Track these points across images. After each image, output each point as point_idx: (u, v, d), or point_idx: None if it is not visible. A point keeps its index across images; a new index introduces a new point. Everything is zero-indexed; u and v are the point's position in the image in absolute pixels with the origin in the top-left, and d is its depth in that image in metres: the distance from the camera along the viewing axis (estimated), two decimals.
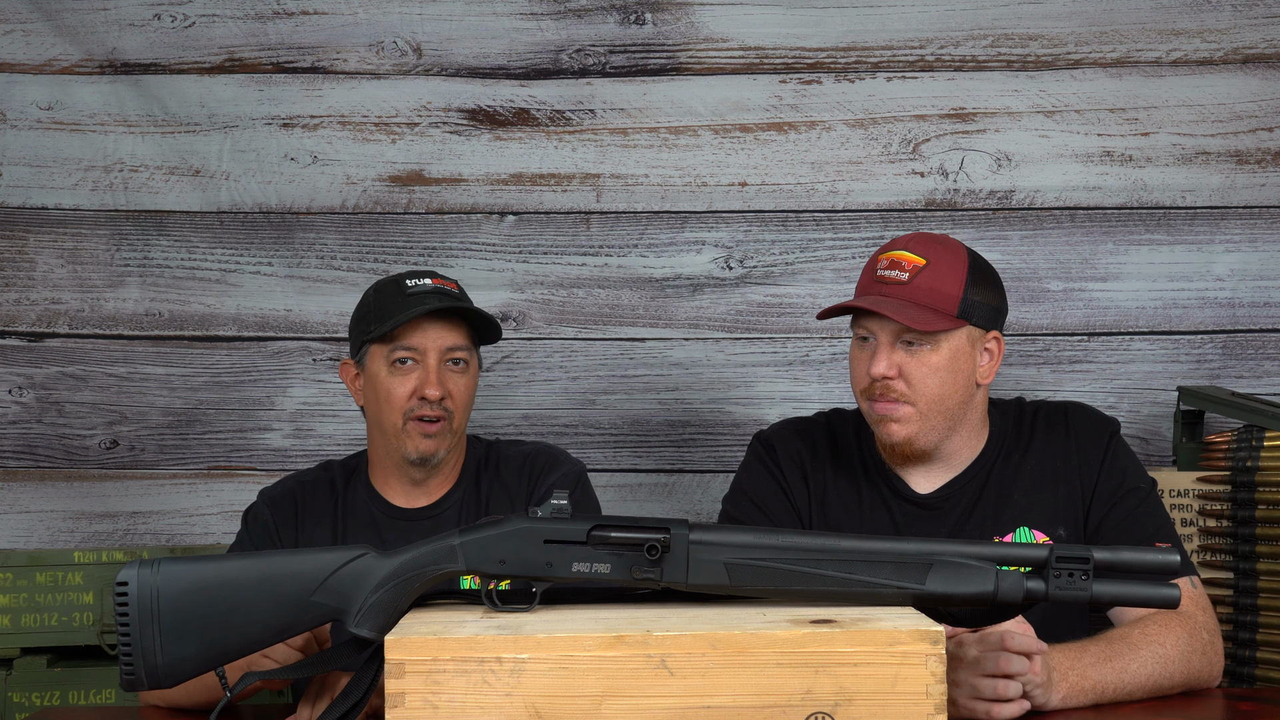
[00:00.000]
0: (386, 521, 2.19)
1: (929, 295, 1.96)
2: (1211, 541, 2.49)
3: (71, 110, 2.83)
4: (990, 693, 1.62)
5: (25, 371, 2.84)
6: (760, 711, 1.39)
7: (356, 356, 2.20)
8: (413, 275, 2.18)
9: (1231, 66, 2.78)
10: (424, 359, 2.13)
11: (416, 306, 2.11)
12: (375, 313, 2.16)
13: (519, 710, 1.40)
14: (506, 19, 2.83)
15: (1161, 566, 1.53)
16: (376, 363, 2.15)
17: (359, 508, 2.20)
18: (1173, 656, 1.80)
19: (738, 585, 1.53)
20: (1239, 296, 2.78)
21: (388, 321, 2.12)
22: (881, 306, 1.94)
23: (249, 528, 2.18)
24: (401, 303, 2.13)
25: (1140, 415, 2.78)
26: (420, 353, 2.13)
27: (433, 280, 2.16)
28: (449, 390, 2.14)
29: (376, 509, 2.20)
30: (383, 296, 2.17)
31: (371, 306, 2.17)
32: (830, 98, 2.81)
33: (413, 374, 2.13)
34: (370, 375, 2.17)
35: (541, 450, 2.26)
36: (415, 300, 2.12)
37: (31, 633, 2.59)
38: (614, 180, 2.83)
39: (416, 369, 2.13)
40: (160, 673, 1.53)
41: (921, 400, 1.97)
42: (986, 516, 2.03)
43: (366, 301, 2.20)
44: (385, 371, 2.14)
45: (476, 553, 1.54)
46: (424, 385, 2.12)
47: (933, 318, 1.95)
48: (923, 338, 1.96)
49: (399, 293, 2.15)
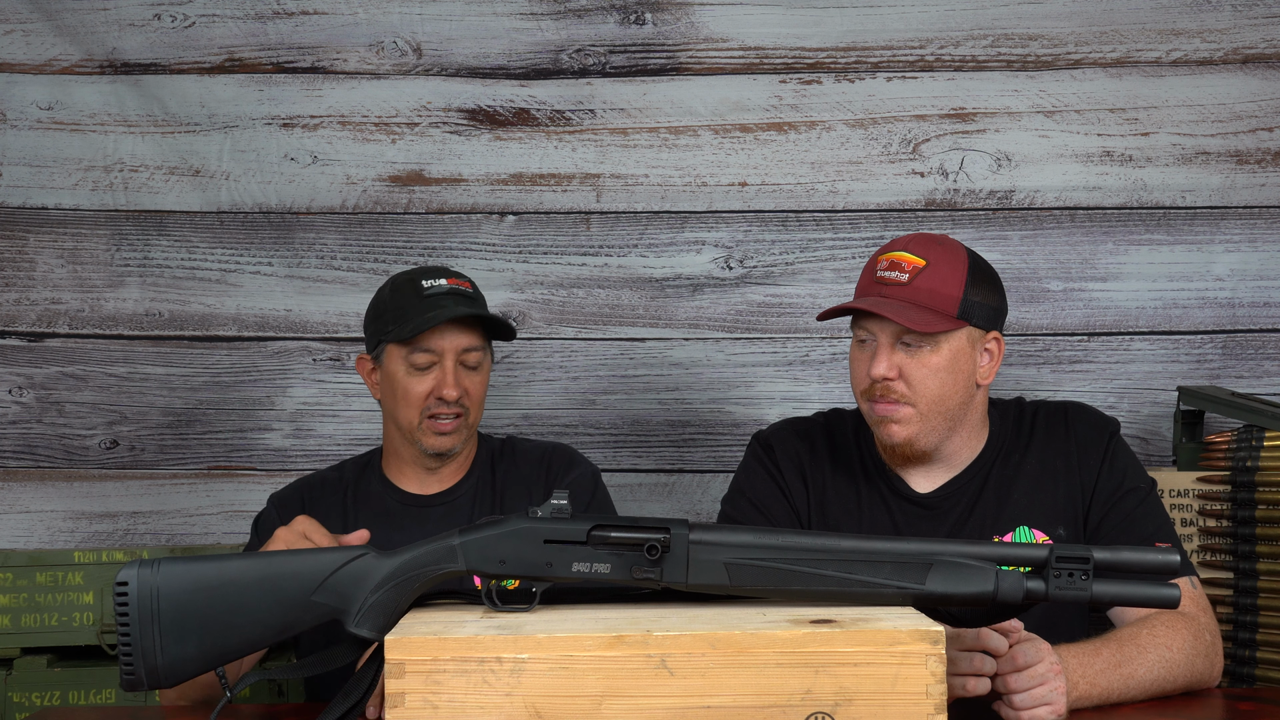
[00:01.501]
0: (400, 509, 2.22)
1: (929, 296, 1.96)
2: (1211, 541, 2.49)
3: (71, 110, 2.83)
4: (959, 690, 1.62)
5: (25, 371, 2.84)
6: (760, 711, 1.39)
7: (373, 353, 2.23)
8: (428, 274, 2.21)
9: (1231, 66, 2.78)
10: (441, 360, 2.16)
11: (434, 310, 2.14)
12: (393, 313, 2.18)
13: (519, 710, 1.40)
14: (506, 19, 2.83)
15: (1161, 566, 1.53)
16: (394, 362, 2.18)
17: (372, 498, 2.24)
18: (1178, 660, 1.81)
19: (738, 585, 1.53)
20: (1239, 296, 2.78)
21: (406, 324, 2.14)
22: (881, 308, 1.94)
23: (258, 532, 2.20)
24: (419, 304, 2.16)
25: (1140, 415, 2.78)
26: (438, 354, 2.16)
27: (448, 280, 2.19)
28: (465, 388, 2.18)
29: (391, 498, 2.24)
30: (399, 296, 2.19)
31: (388, 306, 2.20)
32: (830, 98, 2.81)
33: (430, 374, 2.17)
34: (388, 373, 2.20)
35: (559, 448, 2.31)
36: (432, 303, 2.15)
37: (31, 633, 2.58)
38: (614, 180, 2.83)
39: (433, 370, 2.17)
40: (160, 673, 1.53)
41: (922, 401, 1.97)
42: (986, 516, 2.03)
43: (382, 300, 2.22)
44: (403, 371, 2.17)
45: (476, 552, 1.54)
46: (441, 386, 2.15)
47: (933, 319, 1.95)
48: (923, 339, 1.96)
49: (416, 294, 2.17)
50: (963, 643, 1.64)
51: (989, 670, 1.64)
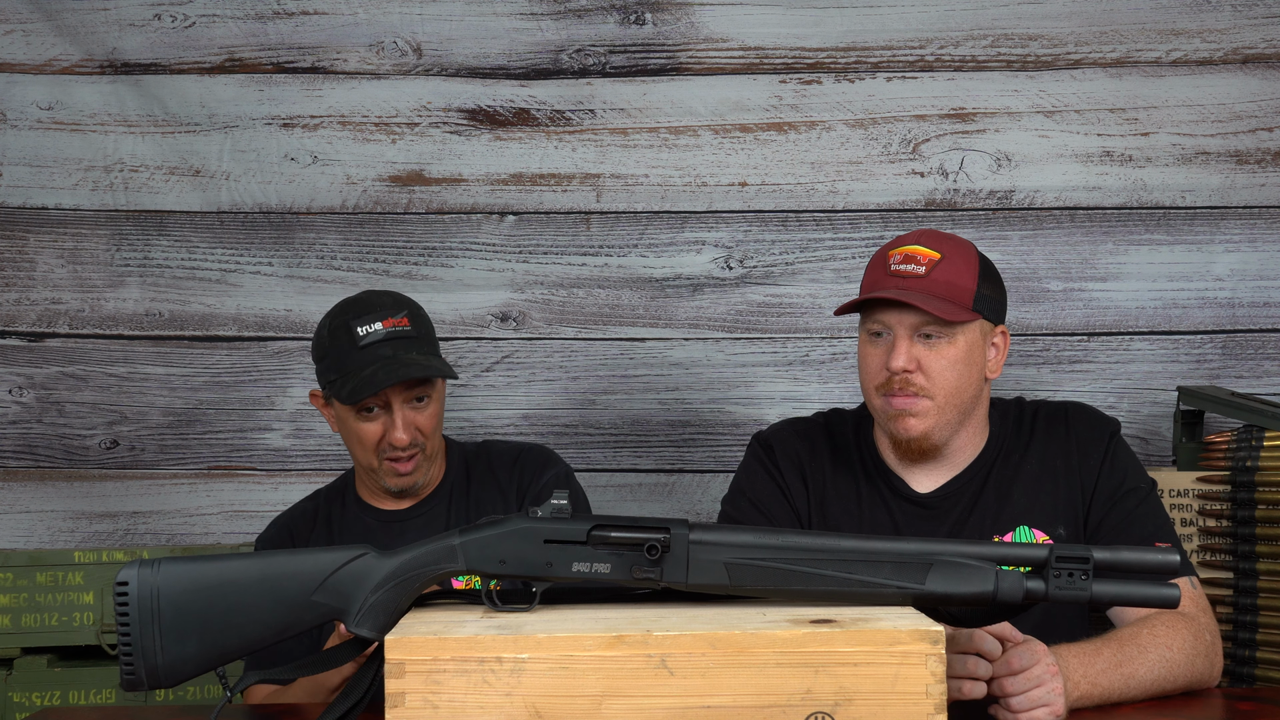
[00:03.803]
0: (379, 526, 2.24)
1: (946, 288, 1.96)
2: (1211, 541, 2.49)
3: (71, 110, 2.83)
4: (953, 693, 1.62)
5: (25, 371, 2.84)
6: (760, 711, 1.39)
7: (324, 392, 2.21)
8: (362, 315, 2.15)
9: (1231, 66, 2.78)
10: (388, 409, 2.15)
11: (371, 365, 2.10)
12: (332, 361, 2.15)
13: (519, 710, 1.40)
14: (506, 19, 2.83)
15: (1161, 566, 1.53)
16: (342, 409, 2.17)
17: (350, 521, 2.26)
18: (1179, 660, 1.81)
19: (738, 585, 1.53)
20: (1239, 296, 2.78)
21: (345, 383, 2.12)
22: (909, 297, 1.94)
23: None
24: (355, 357, 2.12)
25: (1140, 415, 2.78)
26: (382, 404, 2.15)
27: (383, 323, 2.15)
28: (417, 426, 2.16)
29: (368, 517, 2.26)
30: (337, 345, 2.15)
31: (328, 351, 2.17)
32: (830, 98, 2.81)
33: (378, 419, 2.15)
34: (339, 416, 2.20)
35: (532, 449, 2.31)
36: (370, 354, 2.12)
37: (31, 633, 2.59)
38: (614, 180, 2.83)
39: (382, 415, 2.15)
40: (160, 673, 1.53)
41: (940, 393, 1.98)
42: (986, 516, 2.03)
43: (322, 342, 2.19)
44: (352, 418, 2.16)
45: (476, 552, 1.54)
46: (392, 435, 2.14)
47: (954, 309, 1.96)
48: (941, 330, 1.96)
49: (352, 343, 2.13)
50: (956, 645, 1.64)
51: (983, 673, 1.64)
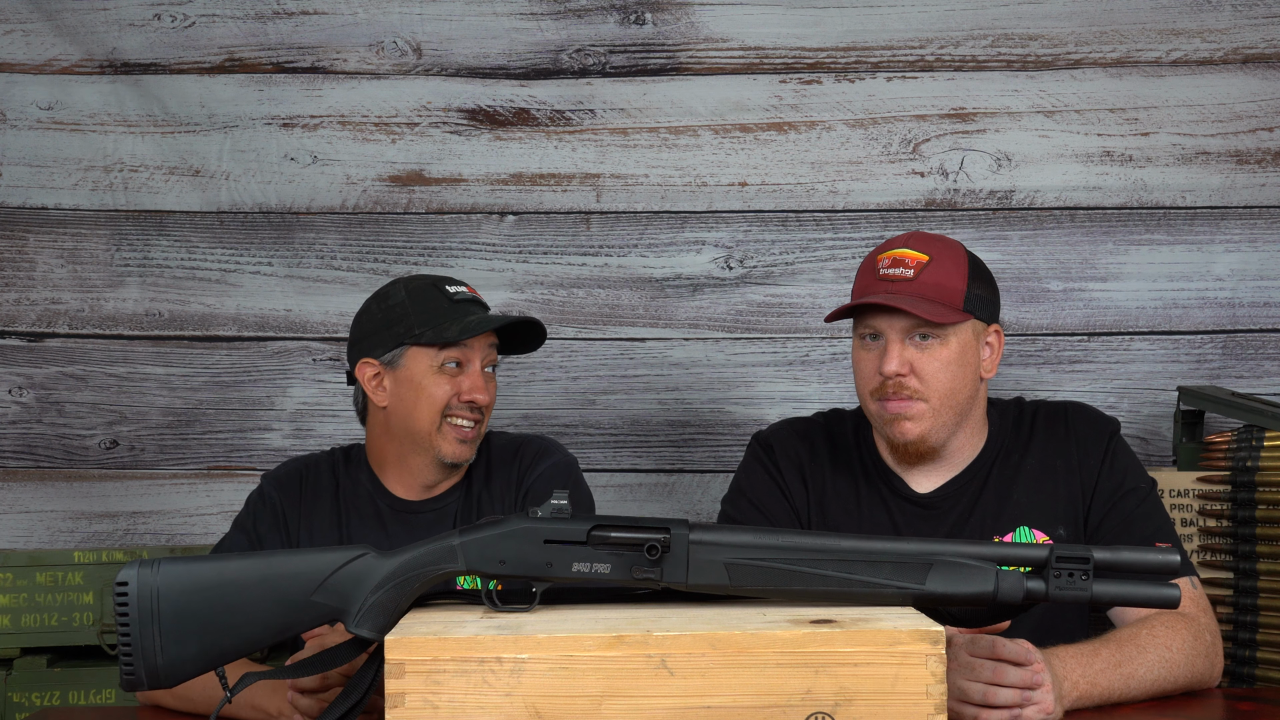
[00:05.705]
0: (390, 513, 2.21)
1: (935, 290, 1.96)
2: (1211, 541, 2.48)
3: (71, 110, 2.83)
4: (979, 697, 1.61)
5: (25, 371, 2.84)
6: (760, 711, 1.39)
7: (383, 357, 2.20)
8: (448, 281, 2.22)
9: (1231, 66, 2.78)
10: (470, 364, 2.18)
11: (470, 315, 2.16)
12: (418, 316, 2.17)
13: (519, 710, 1.40)
14: (506, 19, 2.83)
15: (1161, 566, 1.53)
16: (419, 364, 2.17)
17: (362, 497, 2.22)
18: (1178, 660, 1.80)
19: (738, 585, 1.53)
20: (1239, 296, 2.78)
21: (447, 327, 2.14)
22: (897, 301, 1.94)
23: (249, 507, 2.20)
24: (451, 309, 2.17)
25: (1140, 415, 2.78)
26: (468, 359, 2.18)
27: (466, 288, 2.22)
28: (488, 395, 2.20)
29: (380, 500, 2.22)
30: (425, 300, 2.18)
31: (409, 309, 2.18)
32: (830, 98, 2.81)
33: (456, 378, 2.17)
34: (405, 377, 2.18)
35: (532, 439, 2.29)
36: (464, 309, 2.17)
37: (31, 633, 2.59)
38: (614, 180, 2.83)
39: (462, 373, 2.17)
40: (160, 673, 1.52)
41: (934, 396, 1.97)
42: (986, 516, 2.03)
43: (400, 304, 2.20)
44: (430, 374, 2.16)
45: (476, 553, 1.54)
46: (473, 390, 2.16)
47: (944, 311, 1.96)
48: (933, 332, 1.96)
49: (445, 298, 2.18)
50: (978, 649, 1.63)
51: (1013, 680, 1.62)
